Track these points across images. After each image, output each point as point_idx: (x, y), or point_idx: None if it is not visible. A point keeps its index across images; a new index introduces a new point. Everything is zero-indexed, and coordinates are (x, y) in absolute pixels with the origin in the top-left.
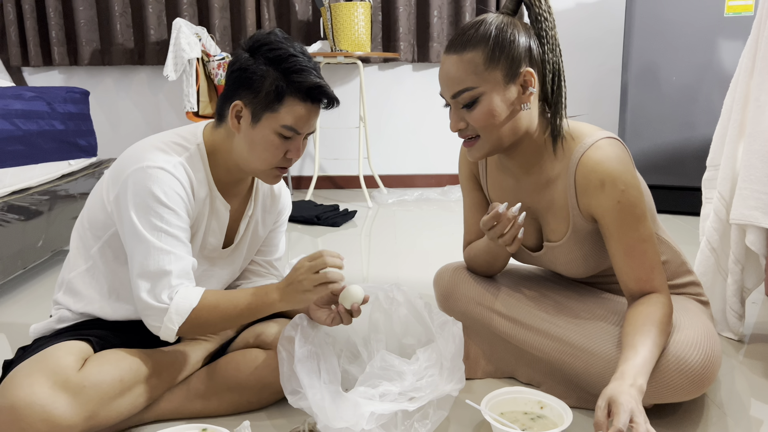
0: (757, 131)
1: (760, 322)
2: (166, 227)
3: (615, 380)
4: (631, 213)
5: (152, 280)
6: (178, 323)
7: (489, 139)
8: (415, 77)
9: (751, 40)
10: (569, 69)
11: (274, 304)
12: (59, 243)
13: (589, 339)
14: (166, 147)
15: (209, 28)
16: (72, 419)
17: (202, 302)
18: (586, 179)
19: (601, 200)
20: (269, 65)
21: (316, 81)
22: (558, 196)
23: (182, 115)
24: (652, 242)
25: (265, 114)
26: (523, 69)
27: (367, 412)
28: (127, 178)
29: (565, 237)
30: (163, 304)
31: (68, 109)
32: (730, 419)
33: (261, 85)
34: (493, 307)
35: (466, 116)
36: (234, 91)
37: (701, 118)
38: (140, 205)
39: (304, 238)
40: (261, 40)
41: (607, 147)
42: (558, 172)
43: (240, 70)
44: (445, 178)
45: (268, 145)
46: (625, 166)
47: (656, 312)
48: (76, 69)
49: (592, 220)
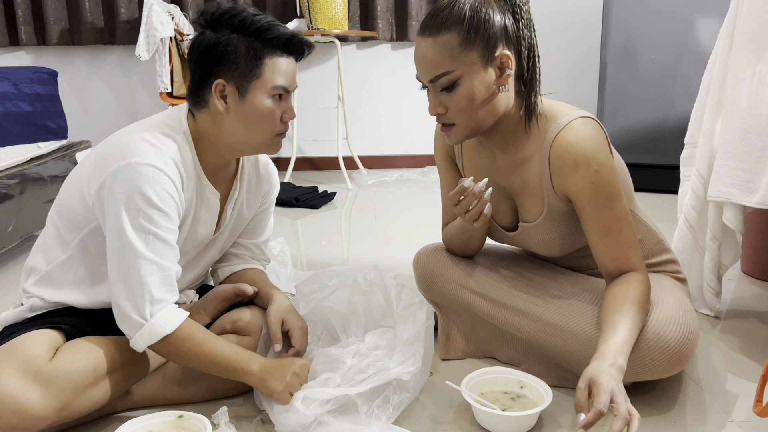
0: (735, 108)
1: (736, 298)
2: (156, 230)
3: (595, 360)
4: (605, 193)
5: (134, 288)
6: (147, 342)
7: (467, 125)
8: (393, 56)
9: (729, 16)
10: (548, 48)
11: (250, 375)
12: (30, 227)
13: (567, 318)
14: (154, 139)
15: (182, 6)
16: (44, 410)
17: (181, 332)
18: (559, 159)
19: (575, 180)
20: (237, 32)
21: (288, 32)
22: (532, 176)
23: (155, 95)
24: (627, 221)
25: (251, 83)
26: (499, 51)
27: (299, 398)
28: (115, 173)
29: (540, 217)
30: (141, 319)
31: (36, 90)
32: (707, 394)
33: (236, 54)
34: (471, 287)
35: (444, 100)
36: (209, 71)
37: (679, 95)
38: (129, 204)
39: (284, 220)
40: (215, 11)
41: (581, 127)
42: (533, 151)
43: (209, 47)
44: (425, 159)
45: (264, 114)
46: (599, 146)
47: (634, 291)
48: (44, 49)
49: (566, 200)
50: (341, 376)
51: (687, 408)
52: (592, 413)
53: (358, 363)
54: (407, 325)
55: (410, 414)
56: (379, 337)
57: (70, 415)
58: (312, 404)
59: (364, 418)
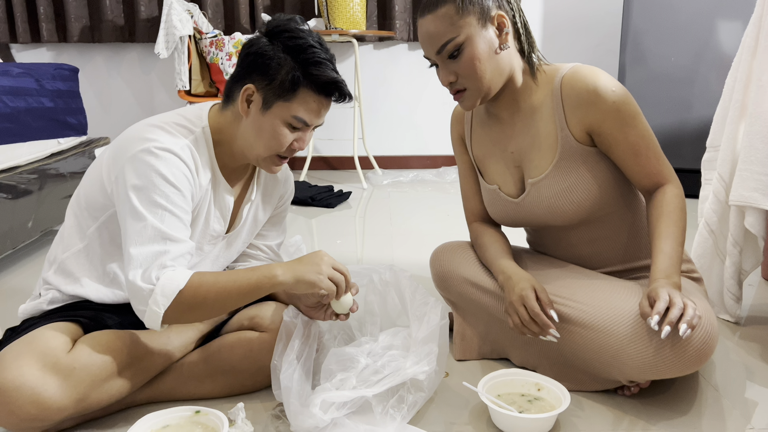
0: (759, 112)
1: (756, 304)
2: (171, 206)
3: (652, 282)
4: (627, 111)
5: (146, 262)
6: (163, 306)
7: (478, 86)
8: (410, 56)
9: (755, 18)
10: (567, 50)
11: (276, 278)
12: (49, 222)
13: (585, 314)
14: (172, 129)
15: (201, 4)
16: (62, 401)
17: (192, 282)
18: (574, 91)
19: (596, 109)
20: (287, 53)
21: (333, 76)
22: (544, 124)
23: (174, 93)
24: (651, 134)
25: (277, 102)
26: (494, 12)
27: (318, 402)
28: (133, 157)
29: (549, 167)
30: (150, 285)
31: (57, 86)
32: (726, 401)
33: (277, 72)
34: (487, 287)
35: (453, 67)
36: (247, 74)
37: (699, 99)
38: (144, 182)
39: (298, 219)
40: (281, 26)
41: (584, 65)
42: (542, 98)
43: (256, 54)
44: (440, 159)
45: (276, 134)
46: (606, 75)
47: (668, 205)
48: (65, 46)
49: (583, 136)
50: (356, 377)
51: (705, 414)
52: (657, 303)
53: (373, 363)
54: (422, 325)
55: (425, 414)
56: (393, 337)
57: (87, 407)
58: (329, 408)
59: (379, 418)
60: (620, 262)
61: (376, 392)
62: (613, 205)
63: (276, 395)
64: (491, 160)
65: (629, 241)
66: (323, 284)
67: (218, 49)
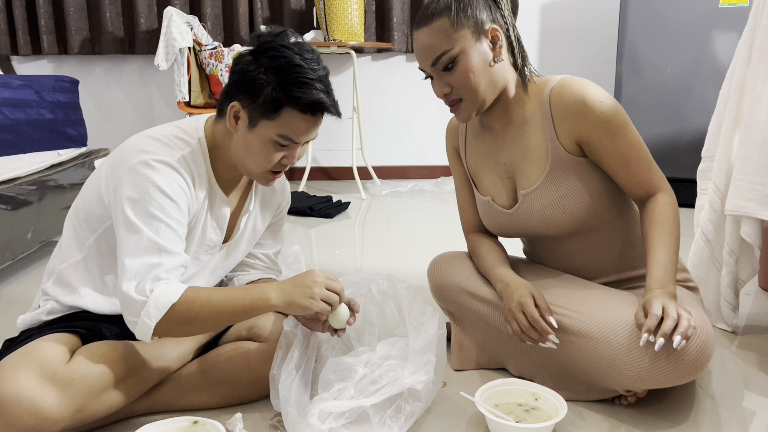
0: (754, 122)
1: (753, 313)
2: (166, 219)
3: (647, 293)
4: (615, 121)
5: (140, 273)
6: (155, 318)
7: (473, 98)
8: (408, 68)
9: (748, 30)
10: (564, 60)
11: (269, 302)
12: (49, 234)
13: (582, 323)
14: (169, 141)
15: (201, 16)
16: (60, 412)
17: (186, 297)
18: (562, 103)
19: (584, 120)
20: (271, 73)
21: (316, 97)
22: (534, 135)
23: (173, 105)
24: (641, 144)
25: (261, 121)
26: (488, 26)
27: (316, 412)
28: (130, 169)
29: (541, 178)
30: (143, 297)
31: (57, 98)
32: (724, 410)
33: (260, 92)
34: (484, 297)
35: (448, 79)
36: (233, 91)
37: (695, 109)
38: (140, 194)
39: (297, 229)
40: (267, 42)
41: (572, 77)
42: (533, 110)
43: (240, 73)
44: (439, 170)
45: (263, 151)
46: (595, 86)
47: (660, 214)
48: (65, 58)
49: (573, 147)
50: (354, 387)
51: (703, 423)
52: (649, 317)
53: (371, 373)
54: (419, 335)
55: (422, 424)
56: (391, 346)
57: (85, 417)
58: (327, 418)
59: (376, 428)
60: (615, 272)
61: (373, 402)
62: (606, 215)
63: (274, 404)
64: (484, 172)
65: (623, 250)
66: (315, 308)
67: (217, 61)
